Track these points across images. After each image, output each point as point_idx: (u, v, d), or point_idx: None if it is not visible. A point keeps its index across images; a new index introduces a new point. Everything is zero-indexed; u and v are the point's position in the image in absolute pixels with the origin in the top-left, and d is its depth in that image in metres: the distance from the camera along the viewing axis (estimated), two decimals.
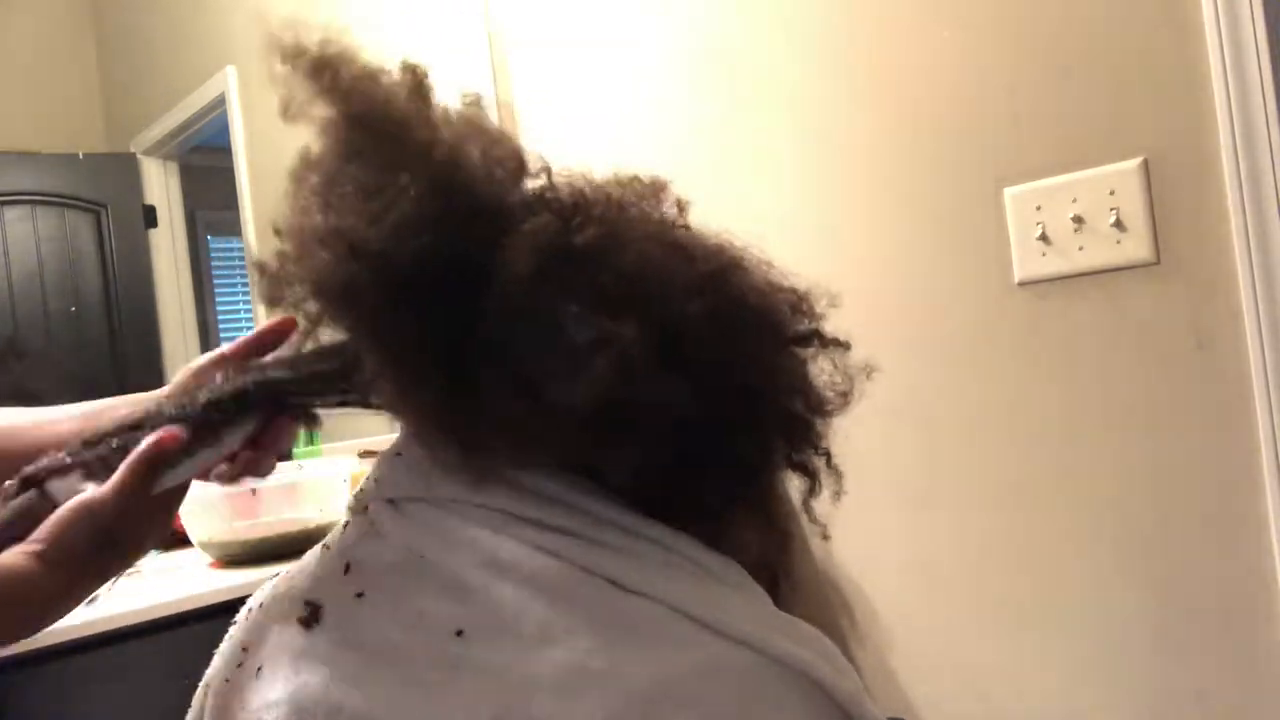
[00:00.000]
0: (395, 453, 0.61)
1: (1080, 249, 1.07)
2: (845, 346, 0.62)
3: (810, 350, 0.61)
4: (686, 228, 0.62)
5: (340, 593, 0.55)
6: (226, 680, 0.58)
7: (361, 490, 0.61)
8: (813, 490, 0.63)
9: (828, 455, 0.63)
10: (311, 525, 1.41)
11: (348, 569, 0.56)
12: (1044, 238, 1.09)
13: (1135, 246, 1.03)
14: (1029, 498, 1.14)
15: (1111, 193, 1.04)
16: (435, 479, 0.56)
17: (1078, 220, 1.07)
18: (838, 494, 0.63)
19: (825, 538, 0.67)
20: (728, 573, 0.57)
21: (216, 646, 0.64)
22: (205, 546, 1.46)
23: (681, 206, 0.63)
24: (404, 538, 0.55)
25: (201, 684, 0.62)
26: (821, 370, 0.61)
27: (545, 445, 0.54)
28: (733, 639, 0.52)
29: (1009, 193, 1.12)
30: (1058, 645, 1.13)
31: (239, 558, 1.43)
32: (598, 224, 0.56)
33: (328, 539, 0.61)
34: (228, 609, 1.23)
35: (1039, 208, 1.10)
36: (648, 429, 0.54)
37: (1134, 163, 1.02)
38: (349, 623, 0.53)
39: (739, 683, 0.52)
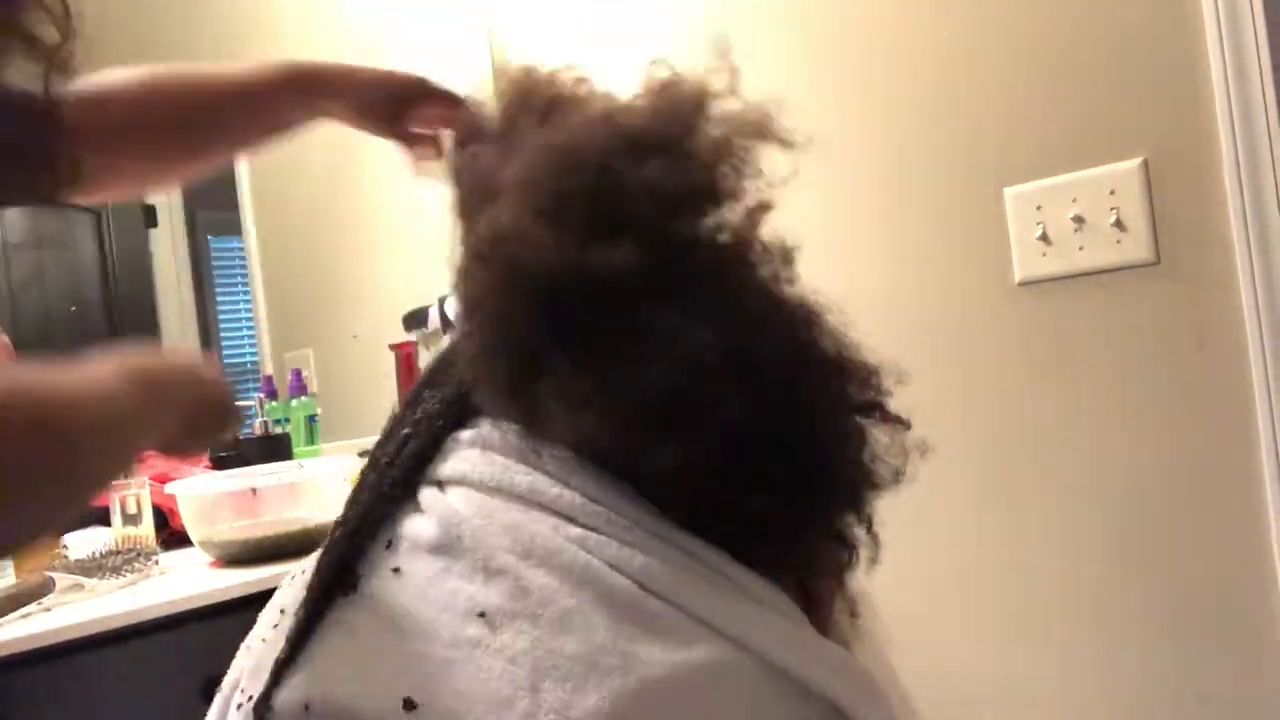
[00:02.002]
0: (449, 437, 0.63)
1: (1080, 249, 1.07)
2: (906, 425, 0.64)
3: (871, 422, 0.63)
4: (790, 281, 0.65)
5: (379, 566, 0.57)
6: (264, 640, 0.60)
7: (402, 469, 0.62)
8: (849, 562, 0.64)
9: (870, 523, 0.64)
10: (312, 525, 1.41)
11: (390, 544, 0.58)
12: (1044, 238, 1.09)
13: (1135, 246, 1.03)
14: (1029, 497, 1.14)
15: (1111, 193, 1.04)
16: (482, 466, 0.59)
17: (1078, 220, 1.07)
18: (874, 561, 0.65)
19: (854, 615, 0.68)
20: (757, 589, 0.58)
21: (216, 646, 0.64)
22: (205, 546, 1.46)
23: (788, 258, 0.66)
24: (445, 519, 0.57)
25: (244, 644, 0.64)
26: (878, 443, 0.63)
27: (602, 423, 0.56)
28: (750, 651, 0.53)
29: (1009, 193, 1.12)
30: (1058, 644, 1.13)
31: (239, 557, 1.43)
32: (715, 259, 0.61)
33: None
34: (228, 609, 1.25)
35: (1039, 208, 1.10)
36: (701, 429, 0.56)
37: (1134, 163, 1.03)
38: (382, 595, 0.56)
39: (749, 693, 0.52)
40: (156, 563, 1.43)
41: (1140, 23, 1.01)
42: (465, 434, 0.62)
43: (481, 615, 0.52)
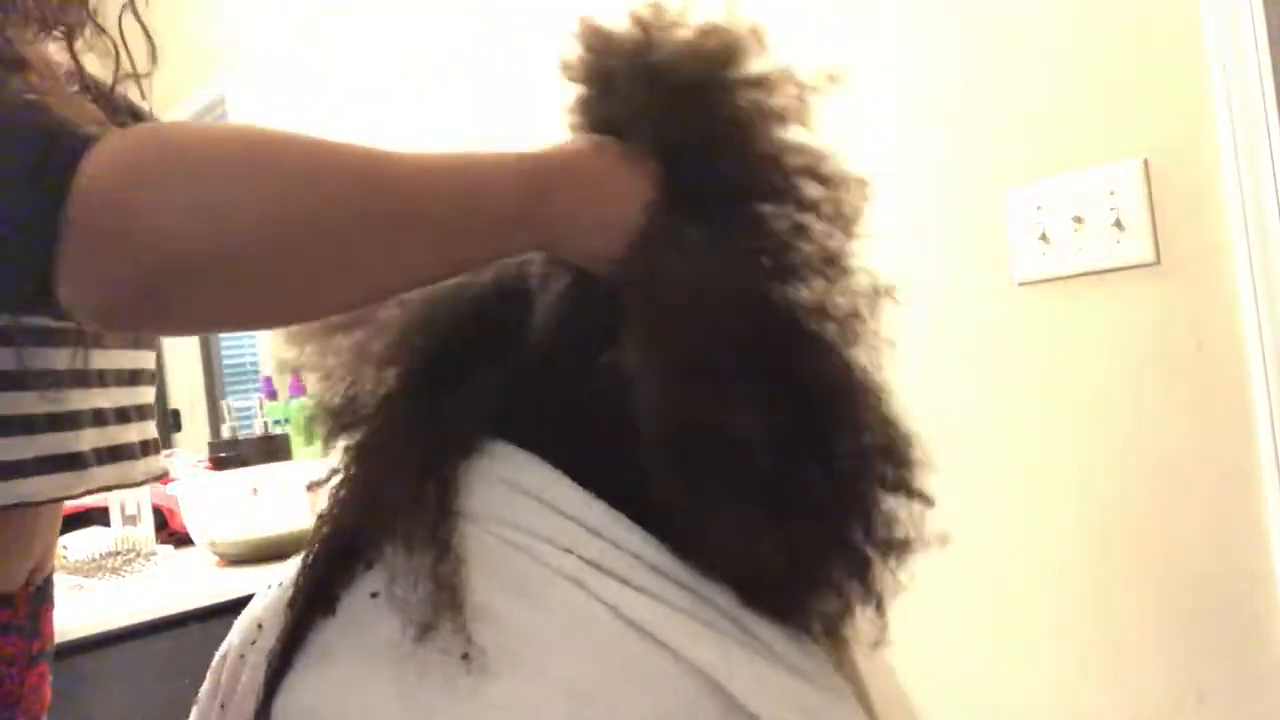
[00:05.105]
0: None
1: (1080, 249, 1.07)
2: (930, 503, 0.63)
3: (898, 496, 0.62)
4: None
5: (357, 588, 0.55)
6: (241, 656, 0.59)
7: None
8: (844, 615, 0.63)
9: (879, 601, 0.63)
10: (312, 526, 1.41)
11: (370, 565, 0.56)
12: (1044, 238, 1.09)
13: (1135, 246, 1.03)
14: (1028, 497, 1.14)
15: (1111, 193, 1.04)
16: (471, 494, 0.56)
17: (1078, 220, 1.07)
18: (878, 644, 0.63)
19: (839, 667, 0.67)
20: (773, 641, 0.55)
21: (216, 646, 0.64)
22: (206, 546, 1.46)
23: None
24: None
25: (219, 654, 0.62)
26: (895, 514, 0.62)
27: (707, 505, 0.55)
28: (724, 696, 0.51)
29: (1009, 193, 1.12)
30: (1057, 644, 1.13)
31: (240, 557, 1.43)
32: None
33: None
34: (229, 609, 1.24)
35: (1039, 208, 1.10)
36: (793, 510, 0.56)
37: (1134, 163, 1.03)
38: (360, 620, 0.54)
39: None
40: (156, 564, 1.43)
41: (1140, 23, 1.01)
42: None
43: (465, 657, 0.49)
